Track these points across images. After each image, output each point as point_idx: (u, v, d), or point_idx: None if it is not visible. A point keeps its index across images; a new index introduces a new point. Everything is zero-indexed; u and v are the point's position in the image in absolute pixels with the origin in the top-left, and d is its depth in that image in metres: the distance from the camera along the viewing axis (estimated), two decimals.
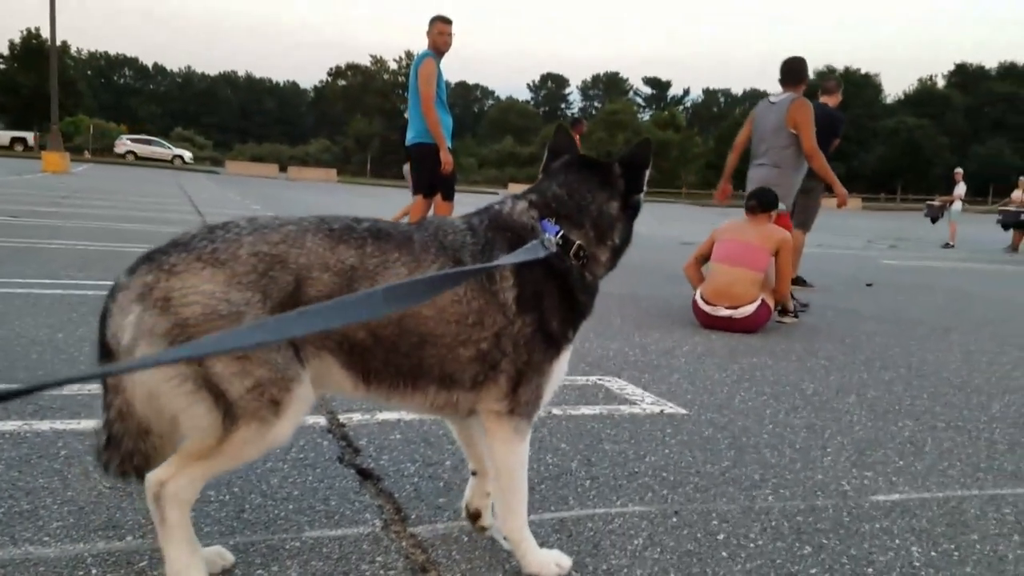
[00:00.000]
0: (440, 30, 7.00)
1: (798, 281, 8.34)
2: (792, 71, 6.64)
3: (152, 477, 1.62)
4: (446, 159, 6.97)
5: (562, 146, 2.03)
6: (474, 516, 2.11)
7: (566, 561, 1.95)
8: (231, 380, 1.56)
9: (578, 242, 1.84)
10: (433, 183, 7.21)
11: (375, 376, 1.74)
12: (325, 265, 1.63)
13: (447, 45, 7.07)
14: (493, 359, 1.76)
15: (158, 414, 1.59)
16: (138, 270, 1.59)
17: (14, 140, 46.71)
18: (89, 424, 2.76)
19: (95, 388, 2.00)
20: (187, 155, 51.72)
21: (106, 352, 1.60)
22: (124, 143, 51.37)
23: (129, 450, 1.63)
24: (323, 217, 1.73)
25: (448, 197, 7.39)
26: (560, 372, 1.88)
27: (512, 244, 1.78)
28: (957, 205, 18.69)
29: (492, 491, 2.01)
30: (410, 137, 7.14)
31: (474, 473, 2.11)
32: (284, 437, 1.66)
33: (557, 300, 1.80)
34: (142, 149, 50.80)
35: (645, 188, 1.96)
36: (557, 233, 1.81)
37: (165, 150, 51.17)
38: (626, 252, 1.98)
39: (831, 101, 8.14)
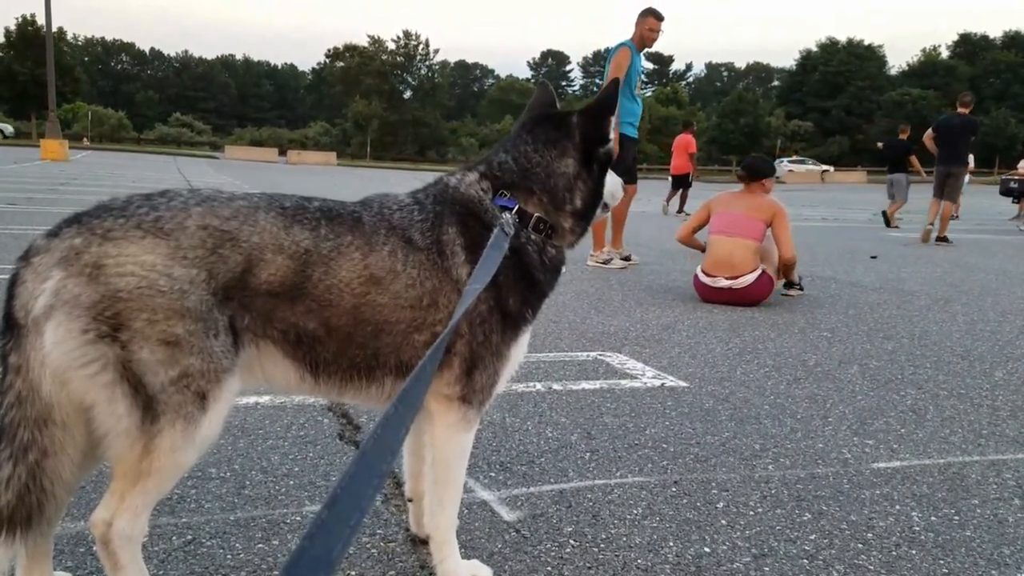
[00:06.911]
0: (651, 26, 6.96)
1: (944, 240, 11.36)
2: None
3: (96, 519, 1.43)
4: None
5: (537, 105, 1.84)
6: (427, 541, 1.84)
7: (485, 572, 1.79)
8: (155, 369, 1.37)
9: (536, 214, 1.71)
10: (628, 169, 7.15)
11: (325, 369, 1.59)
12: (280, 247, 1.49)
13: (652, 41, 7.05)
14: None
15: (67, 402, 1.37)
16: (62, 232, 1.39)
17: None
18: None
19: None
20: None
21: (11, 325, 1.38)
22: None
23: (24, 442, 1.36)
24: (272, 194, 1.59)
25: (631, 181, 7.36)
26: (518, 356, 1.73)
27: (462, 219, 1.66)
28: (965, 177, 18.57)
29: (426, 485, 1.77)
30: None
31: (410, 500, 1.98)
32: (213, 436, 1.47)
33: (514, 277, 1.66)
34: None
35: (612, 137, 1.77)
36: (514, 208, 1.69)
37: None
38: (597, 213, 1.82)
39: (965, 110, 11.58)
